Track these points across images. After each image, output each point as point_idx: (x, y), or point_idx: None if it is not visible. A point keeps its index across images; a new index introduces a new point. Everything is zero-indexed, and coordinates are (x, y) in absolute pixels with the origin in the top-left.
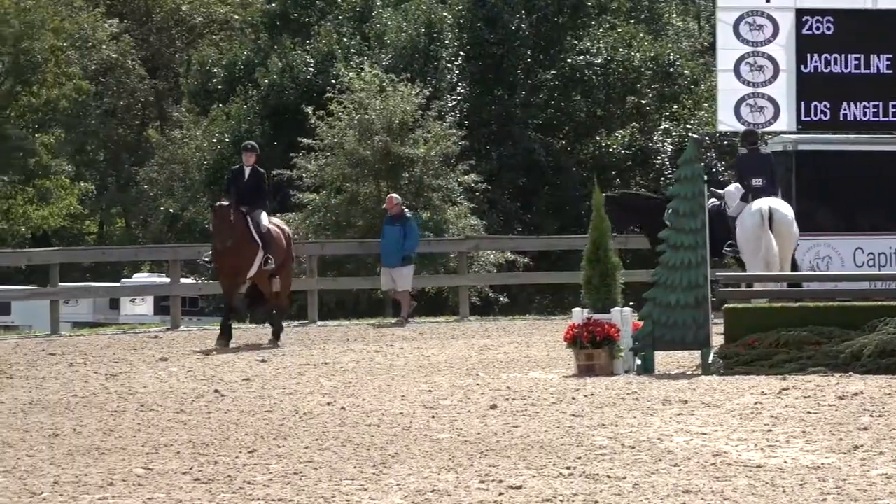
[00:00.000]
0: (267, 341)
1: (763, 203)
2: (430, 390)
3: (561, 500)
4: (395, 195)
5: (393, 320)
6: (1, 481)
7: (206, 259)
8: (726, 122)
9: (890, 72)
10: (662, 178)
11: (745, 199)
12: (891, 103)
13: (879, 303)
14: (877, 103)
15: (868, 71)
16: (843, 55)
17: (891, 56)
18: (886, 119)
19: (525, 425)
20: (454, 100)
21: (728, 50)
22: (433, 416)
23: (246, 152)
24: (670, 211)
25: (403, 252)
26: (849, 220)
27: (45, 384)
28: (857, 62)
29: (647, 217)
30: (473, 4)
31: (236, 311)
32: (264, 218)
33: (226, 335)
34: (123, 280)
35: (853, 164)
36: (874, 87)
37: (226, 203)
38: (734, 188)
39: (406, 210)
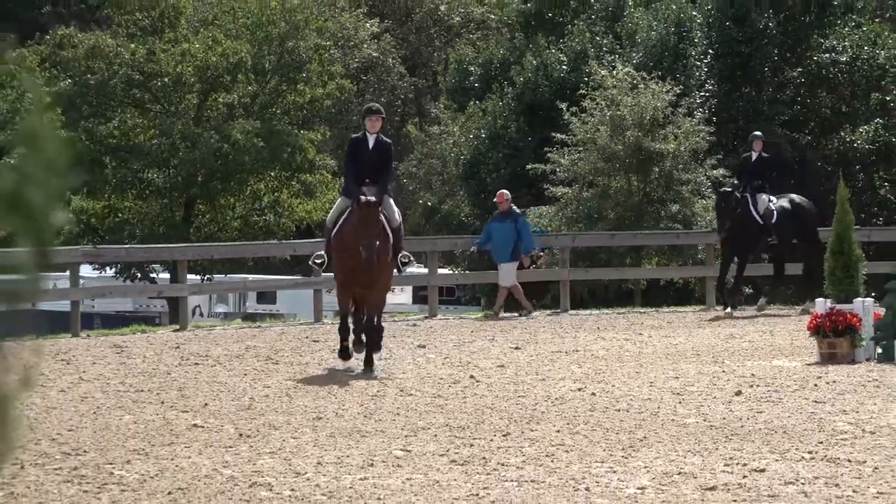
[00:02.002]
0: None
1: None
2: (677, 377)
3: (803, 483)
4: (505, 191)
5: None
6: (268, 461)
7: (318, 261)
8: None
9: None
10: None
11: None
12: None
13: None
14: None
15: None
16: None
17: None
18: None
19: (768, 411)
20: (702, 97)
21: None
22: (680, 402)
23: (370, 115)
24: None
25: (523, 250)
26: None
27: (309, 369)
28: None
29: None
30: (722, 4)
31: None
32: (395, 209)
33: (346, 353)
34: None
35: None
36: None
37: (374, 200)
38: None
39: (514, 207)
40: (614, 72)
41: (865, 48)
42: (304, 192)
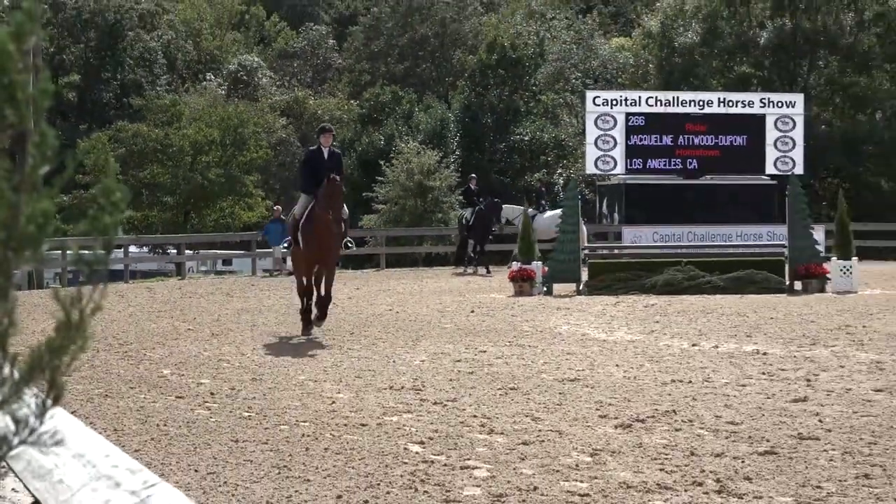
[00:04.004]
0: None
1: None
2: (440, 303)
3: (507, 356)
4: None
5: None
6: (228, 349)
7: (286, 245)
8: (589, 170)
9: (671, 144)
10: None
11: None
12: (672, 160)
13: (665, 259)
14: (665, 160)
15: (661, 144)
16: (649, 135)
17: (672, 136)
18: (670, 168)
19: (488, 320)
20: (454, 158)
21: (591, 133)
22: (442, 316)
23: (324, 133)
24: (561, 214)
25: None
26: (650, 218)
27: (249, 303)
28: (656, 139)
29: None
30: (464, 110)
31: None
32: (344, 205)
33: (310, 325)
34: None
35: (652, 189)
36: (664, 152)
37: (338, 177)
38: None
39: (282, 216)
40: (409, 145)
41: (538, 133)
42: (246, 207)
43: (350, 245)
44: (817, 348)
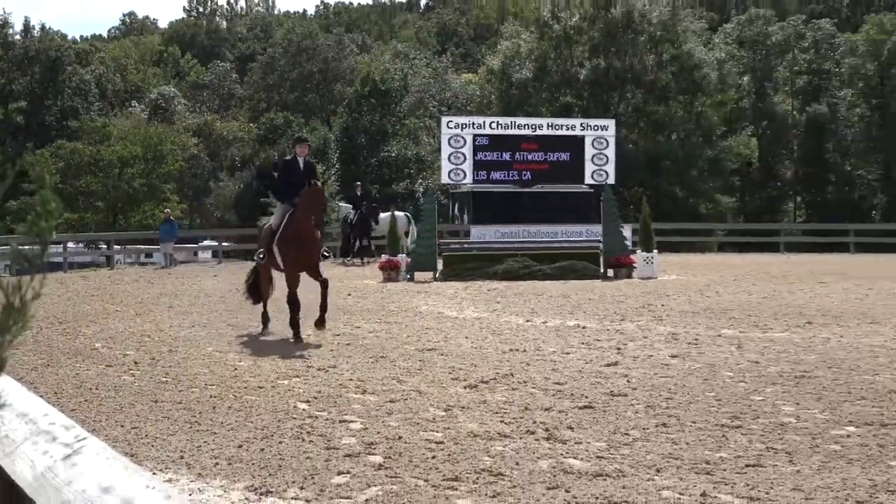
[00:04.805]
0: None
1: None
2: (338, 288)
3: (377, 331)
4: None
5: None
6: (149, 325)
7: (261, 257)
8: (444, 181)
9: (510, 159)
10: None
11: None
12: (510, 172)
13: (505, 252)
14: (504, 172)
15: (501, 159)
16: (492, 152)
17: (510, 153)
18: (509, 179)
19: (362, 302)
20: (335, 170)
21: (445, 150)
22: (337, 298)
23: (301, 143)
24: (422, 215)
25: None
26: (493, 219)
27: (167, 287)
28: (497, 155)
29: None
30: (343, 133)
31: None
32: None
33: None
34: None
35: (495, 195)
36: (504, 166)
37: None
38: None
39: (174, 219)
40: None
41: (403, 150)
42: (164, 210)
43: (327, 254)
44: (625, 323)
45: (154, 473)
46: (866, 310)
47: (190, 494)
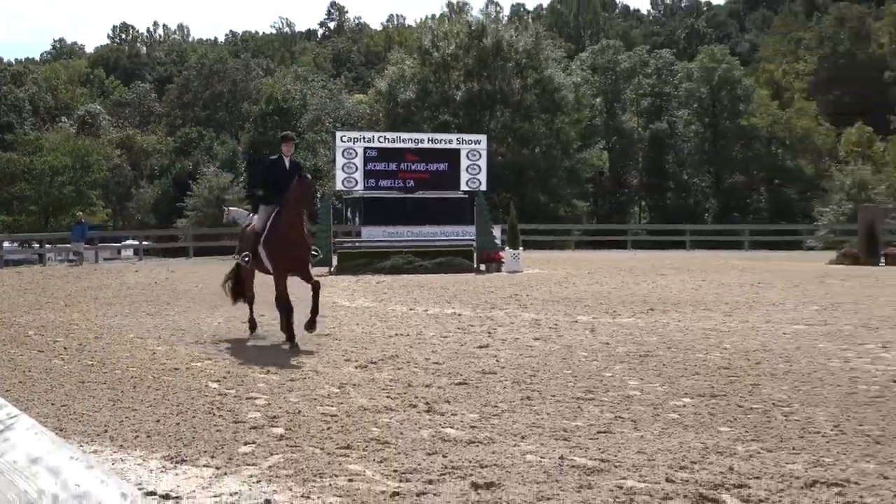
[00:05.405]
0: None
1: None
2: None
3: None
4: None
5: None
6: (76, 316)
7: (246, 259)
8: (339, 187)
9: (396, 169)
10: None
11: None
12: (396, 180)
13: (391, 250)
14: (391, 180)
15: (388, 169)
16: (380, 163)
17: (396, 163)
18: (395, 186)
19: (265, 294)
20: None
21: (339, 161)
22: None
23: (287, 141)
24: (319, 217)
25: (85, 236)
26: (381, 221)
27: (94, 282)
28: (385, 165)
29: None
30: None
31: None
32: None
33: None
34: None
35: (383, 200)
36: (390, 175)
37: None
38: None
39: (85, 221)
40: (209, 170)
41: (303, 161)
42: (91, 213)
43: (316, 253)
44: (495, 310)
45: (80, 446)
46: (700, 298)
47: (112, 464)
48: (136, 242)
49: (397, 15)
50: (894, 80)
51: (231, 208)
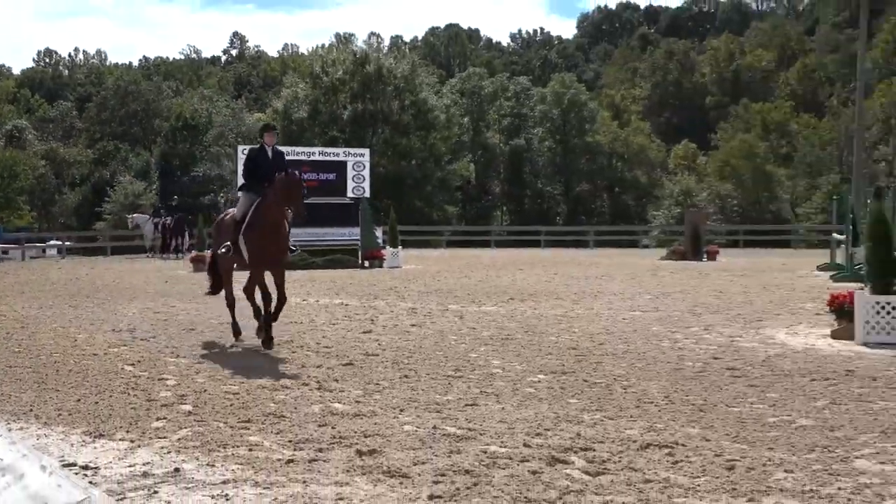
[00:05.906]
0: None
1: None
2: (146, 276)
3: (188, 309)
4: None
5: None
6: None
7: (224, 250)
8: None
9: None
10: None
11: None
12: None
13: (318, 248)
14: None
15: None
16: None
17: None
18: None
19: (177, 286)
20: None
21: (240, 171)
22: (147, 284)
23: (268, 131)
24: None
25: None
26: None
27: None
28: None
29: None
30: None
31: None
32: None
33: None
34: None
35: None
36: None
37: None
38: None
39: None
40: (125, 178)
41: (209, 171)
42: (18, 217)
43: (294, 249)
44: (377, 301)
45: (8, 424)
46: (552, 289)
47: (37, 439)
48: (60, 242)
49: (292, 44)
50: (714, 105)
51: (134, 215)
